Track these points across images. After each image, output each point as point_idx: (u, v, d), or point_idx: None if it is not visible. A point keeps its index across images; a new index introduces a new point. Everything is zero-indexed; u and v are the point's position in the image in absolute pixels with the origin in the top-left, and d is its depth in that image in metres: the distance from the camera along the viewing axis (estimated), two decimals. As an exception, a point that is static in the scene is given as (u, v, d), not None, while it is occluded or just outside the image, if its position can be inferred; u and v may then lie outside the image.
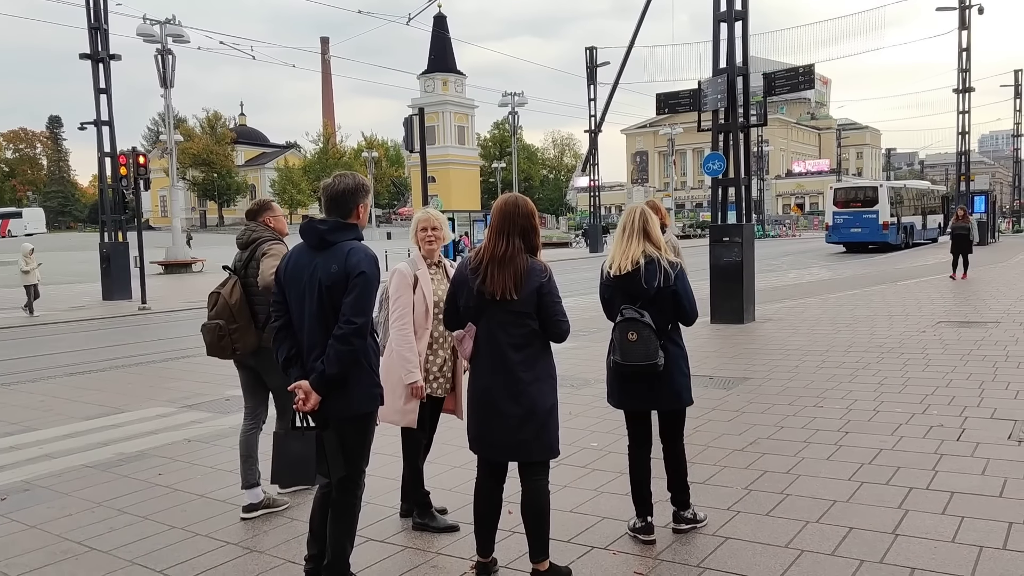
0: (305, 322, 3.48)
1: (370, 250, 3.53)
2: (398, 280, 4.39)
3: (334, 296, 3.40)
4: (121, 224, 22.93)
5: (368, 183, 3.68)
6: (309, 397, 3.43)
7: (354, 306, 3.36)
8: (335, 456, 3.49)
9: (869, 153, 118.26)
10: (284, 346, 3.56)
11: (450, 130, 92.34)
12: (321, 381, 3.39)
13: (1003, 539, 4.05)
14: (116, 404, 8.35)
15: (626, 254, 4.11)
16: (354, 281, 3.37)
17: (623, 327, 4.04)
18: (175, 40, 31.55)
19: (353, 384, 3.46)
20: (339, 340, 3.35)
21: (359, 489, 3.66)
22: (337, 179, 3.60)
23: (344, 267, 3.39)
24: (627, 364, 4.04)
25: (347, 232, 3.51)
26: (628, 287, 4.10)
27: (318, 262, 3.46)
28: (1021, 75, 51.56)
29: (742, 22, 13.32)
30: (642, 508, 4.27)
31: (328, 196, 3.56)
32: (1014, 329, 10.94)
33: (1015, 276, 19.63)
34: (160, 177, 64.75)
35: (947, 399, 7.05)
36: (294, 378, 3.51)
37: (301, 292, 3.49)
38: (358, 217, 3.60)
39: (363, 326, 3.38)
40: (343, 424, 3.51)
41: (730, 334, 11.74)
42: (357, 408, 3.51)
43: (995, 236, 40.80)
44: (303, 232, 3.56)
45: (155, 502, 5.22)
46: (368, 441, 3.64)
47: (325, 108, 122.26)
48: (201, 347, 5.05)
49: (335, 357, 3.35)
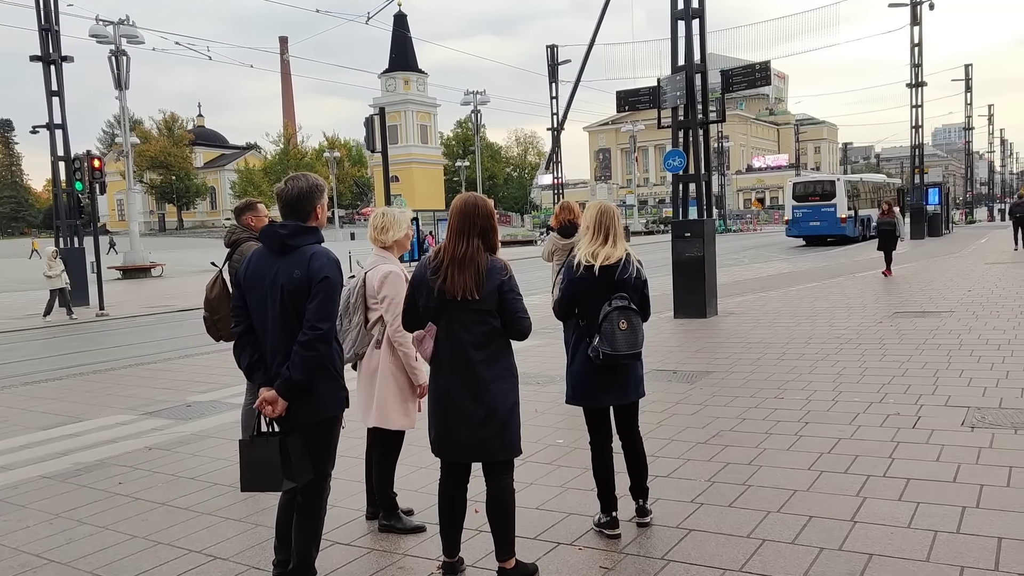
0: (268, 328, 3.44)
1: (332, 254, 3.50)
2: (399, 281, 4.29)
3: (297, 301, 3.36)
4: (77, 229, 22.47)
5: (323, 183, 3.63)
6: (275, 403, 3.40)
7: (318, 311, 3.33)
8: (301, 460, 3.47)
9: (827, 148, 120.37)
10: (246, 352, 3.52)
11: (413, 129, 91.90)
12: (287, 387, 3.36)
13: (957, 523, 4.16)
14: (74, 413, 8.19)
15: (609, 247, 4.14)
16: (317, 286, 3.33)
17: (616, 316, 4.05)
18: (129, 41, 30.97)
19: (319, 389, 3.44)
20: (304, 346, 3.32)
21: (324, 492, 3.64)
22: (290, 183, 3.52)
23: (307, 272, 3.35)
24: (617, 354, 4.05)
25: (308, 236, 3.47)
26: (608, 279, 4.13)
27: (279, 267, 3.40)
28: (972, 70, 52.86)
29: (699, 20, 13.46)
30: (608, 503, 4.31)
31: (284, 201, 3.50)
32: (967, 318, 11.22)
33: (968, 266, 20.12)
34: (117, 180, 63.63)
35: (903, 388, 7.21)
36: (258, 384, 3.48)
37: (263, 297, 3.44)
38: (317, 218, 3.55)
39: (328, 331, 3.36)
40: (309, 429, 3.49)
41: (693, 328, 11.87)
42: (323, 412, 3.49)
43: (949, 227, 41.77)
44: (263, 236, 3.52)
45: (115, 512, 5.13)
46: (333, 445, 3.62)
47: (285, 108, 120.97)
48: (160, 353, 5.00)
49: (301, 363, 3.32)
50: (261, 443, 3.48)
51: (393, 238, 4.44)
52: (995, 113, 76.95)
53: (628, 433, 4.41)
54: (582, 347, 4.20)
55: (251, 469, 3.49)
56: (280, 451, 3.43)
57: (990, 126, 76.82)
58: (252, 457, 3.49)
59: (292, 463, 3.45)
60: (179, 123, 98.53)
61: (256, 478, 3.50)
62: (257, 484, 3.55)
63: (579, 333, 4.26)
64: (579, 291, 4.21)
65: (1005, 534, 3.99)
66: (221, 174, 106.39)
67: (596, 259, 4.12)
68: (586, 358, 4.15)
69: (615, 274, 4.13)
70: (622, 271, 4.15)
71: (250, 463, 3.49)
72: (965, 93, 53.53)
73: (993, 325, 10.47)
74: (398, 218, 4.49)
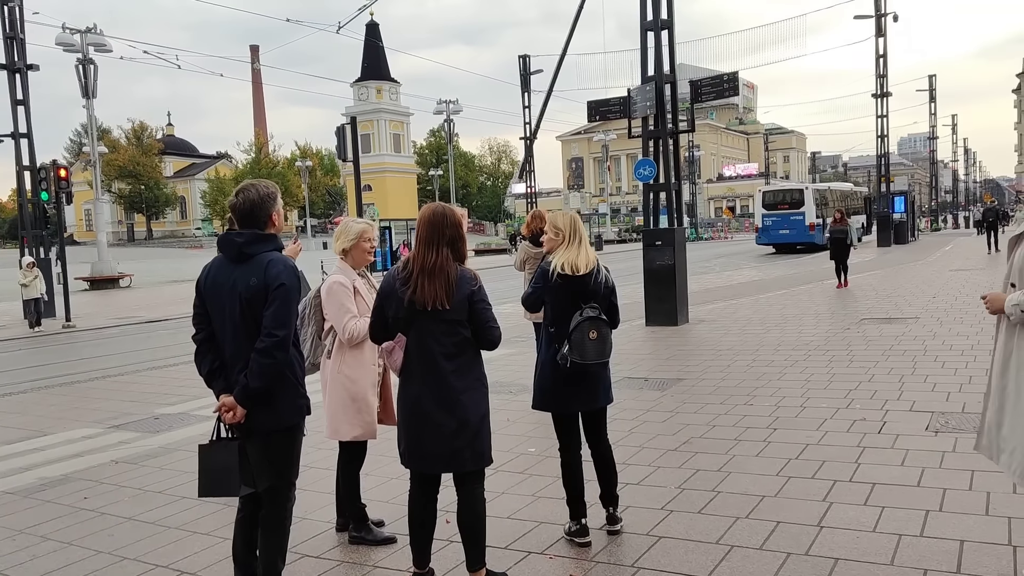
0: (227, 335, 3.44)
1: (290, 261, 3.51)
2: (340, 291, 4.33)
3: (255, 309, 3.37)
4: (43, 239, 22.11)
5: (274, 189, 3.62)
6: (234, 410, 3.39)
7: (275, 318, 3.33)
8: (260, 466, 3.48)
9: (795, 156, 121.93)
10: (206, 359, 3.52)
11: (385, 138, 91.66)
12: (245, 394, 3.36)
13: (920, 527, 4.23)
14: (38, 427, 8.04)
15: (583, 256, 4.17)
16: (273, 293, 3.34)
17: (586, 326, 4.06)
18: (96, 49, 30.56)
19: (278, 396, 3.44)
20: (261, 353, 3.32)
21: (289, 502, 3.62)
22: (241, 195, 3.51)
23: (263, 279, 3.36)
24: (585, 363, 4.07)
25: (265, 243, 3.47)
26: (582, 287, 4.15)
27: (237, 275, 3.41)
28: (935, 80, 53.93)
29: (668, 31, 13.61)
30: (577, 510, 4.32)
31: (239, 214, 3.50)
32: (932, 324, 11.42)
33: (933, 273, 20.48)
34: (84, 190, 62.71)
35: (869, 393, 7.32)
36: (218, 391, 3.47)
37: (222, 305, 3.44)
38: (274, 225, 3.56)
39: (285, 338, 3.35)
40: (270, 436, 3.49)
41: (664, 336, 11.95)
42: (282, 420, 3.48)
43: (915, 235, 42.48)
44: (220, 245, 3.53)
45: (80, 527, 5.05)
46: (296, 453, 3.60)
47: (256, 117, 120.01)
48: (128, 364, 4.93)
49: (258, 370, 3.32)
50: (220, 448, 3.48)
51: (341, 247, 4.47)
52: (958, 123, 78.53)
53: (597, 440, 4.42)
54: (550, 353, 4.21)
55: (209, 474, 3.49)
56: (239, 456, 3.43)
57: (954, 135, 78.52)
58: (210, 462, 3.49)
59: (251, 469, 3.46)
60: (148, 132, 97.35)
61: (213, 483, 3.50)
62: (214, 489, 3.53)
63: (547, 338, 4.27)
64: (551, 298, 4.22)
65: (967, 537, 4.06)
66: (191, 183, 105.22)
67: (575, 268, 4.13)
68: (555, 364, 4.15)
69: (589, 283, 4.17)
70: (595, 280, 4.18)
71: (208, 468, 3.49)
72: (929, 103, 54.62)
73: (957, 331, 10.67)
74: (348, 228, 4.52)
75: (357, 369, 4.39)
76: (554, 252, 4.26)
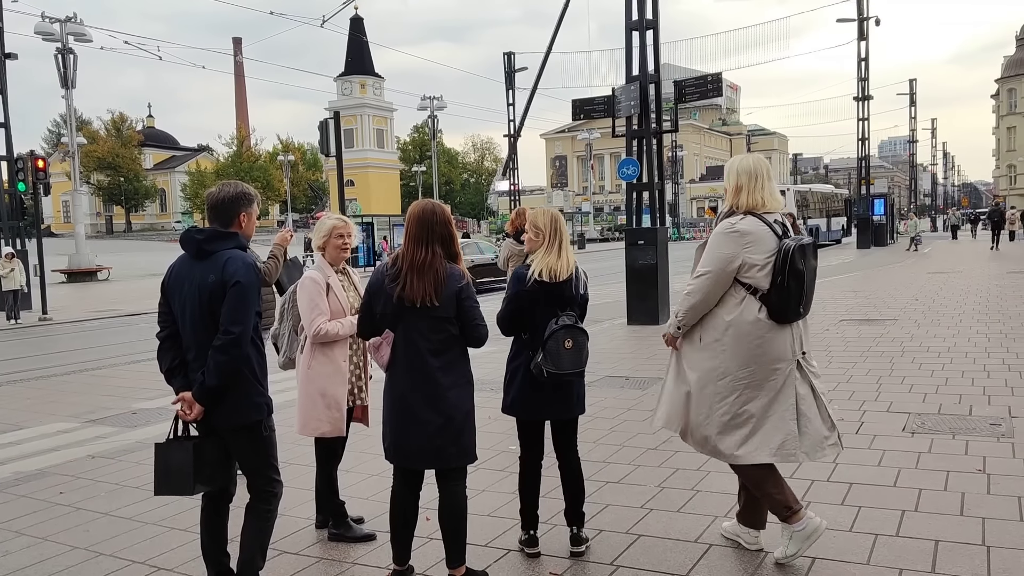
0: (188, 332, 3.44)
1: (249, 258, 3.50)
2: (311, 287, 4.35)
3: (214, 306, 3.36)
4: (20, 231, 21.84)
5: (252, 193, 3.64)
6: (192, 408, 3.39)
7: (231, 316, 3.33)
8: (219, 465, 3.49)
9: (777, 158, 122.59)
10: (167, 356, 3.52)
11: (369, 133, 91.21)
12: (202, 391, 3.36)
13: (896, 526, 4.28)
14: (14, 420, 7.95)
15: (564, 261, 3.98)
16: (230, 291, 3.33)
17: (561, 335, 3.86)
18: (76, 39, 30.21)
19: (236, 394, 3.42)
20: (217, 351, 3.31)
21: (274, 498, 3.61)
22: (220, 188, 3.58)
23: (221, 276, 3.35)
24: (560, 373, 3.89)
25: (225, 241, 3.47)
26: (559, 294, 3.97)
27: (196, 272, 3.42)
28: (916, 84, 54.53)
29: (653, 31, 13.65)
30: (530, 521, 4.19)
31: (209, 205, 3.54)
32: (910, 326, 11.54)
33: (911, 275, 20.71)
34: (62, 181, 61.94)
35: (848, 394, 7.39)
36: (176, 388, 3.47)
37: (183, 303, 3.44)
38: (240, 226, 3.56)
39: (240, 335, 3.34)
40: (233, 435, 3.49)
41: (646, 335, 11.99)
42: (241, 418, 3.46)
43: (894, 237, 42.93)
44: (182, 242, 3.53)
45: (56, 522, 5.00)
46: (267, 449, 3.58)
47: (238, 110, 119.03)
48: (106, 358, 4.88)
49: (214, 368, 3.31)
50: (176, 447, 3.48)
51: (316, 244, 4.50)
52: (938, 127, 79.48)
53: (566, 451, 4.18)
54: (522, 359, 4.01)
55: (164, 473, 3.49)
56: (192, 456, 3.42)
57: (933, 139, 79.57)
58: (166, 460, 3.49)
59: (206, 468, 3.46)
60: (128, 123, 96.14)
61: (169, 482, 3.50)
62: (170, 488, 3.54)
63: (519, 345, 4.07)
64: (525, 304, 3.97)
65: (941, 537, 4.11)
66: (171, 176, 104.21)
67: (554, 275, 3.93)
68: (527, 371, 3.95)
69: (566, 289, 4.00)
70: (573, 286, 4.02)
71: (164, 466, 3.49)
72: (910, 107, 55.25)
73: (934, 333, 10.80)
74: (321, 224, 4.56)
75: (327, 365, 4.38)
76: (534, 254, 4.03)
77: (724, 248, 3.81)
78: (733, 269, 3.80)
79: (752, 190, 3.88)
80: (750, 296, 3.80)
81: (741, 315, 3.80)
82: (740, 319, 3.80)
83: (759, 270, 3.78)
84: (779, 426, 3.83)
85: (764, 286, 3.77)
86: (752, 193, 3.87)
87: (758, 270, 3.78)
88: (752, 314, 3.78)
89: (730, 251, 3.80)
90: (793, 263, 3.72)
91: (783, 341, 3.81)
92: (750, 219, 3.83)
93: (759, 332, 3.78)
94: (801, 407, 3.86)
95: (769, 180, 3.93)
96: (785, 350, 3.81)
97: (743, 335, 3.79)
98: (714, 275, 3.81)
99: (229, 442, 3.51)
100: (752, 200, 3.87)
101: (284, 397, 6.33)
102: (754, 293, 3.79)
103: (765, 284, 3.77)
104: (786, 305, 3.75)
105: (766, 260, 3.76)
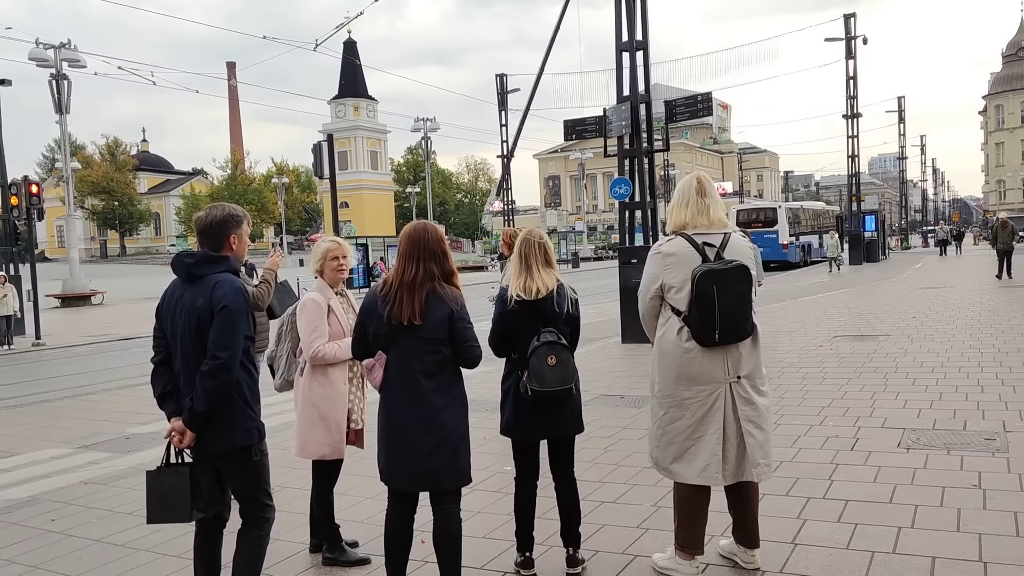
0: (179, 357, 3.43)
1: (238, 282, 3.48)
2: (313, 309, 4.34)
3: (203, 330, 3.36)
4: (13, 256, 21.79)
5: (240, 214, 3.63)
6: (184, 434, 3.37)
7: (218, 341, 3.32)
8: (212, 491, 3.47)
9: (769, 175, 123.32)
10: (161, 381, 3.50)
11: (363, 155, 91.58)
12: (191, 417, 3.34)
13: (893, 543, 4.27)
14: (5, 447, 7.90)
15: (540, 279, 3.98)
16: (217, 315, 3.33)
17: (543, 351, 3.86)
18: (71, 65, 30.32)
19: (226, 419, 3.40)
20: (205, 376, 3.30)
21: (267, 523, 3.59)
22: (208, 211, 3.58)
23: (209, 301, 3.35)
24: (545, 390, 3.88)
25: (215, 265, 3.46)
26: (539, 312, 3.97)
27: (187, 296, 3.42)
28: (904, 101, 54.97)
29: (643, 52, 13.77)
30: (525, 543, 4.17)
31: (199, 229, 3.54)
32: (903, 342, 11.57)
33: (903, 291, 20.77)
34: (57, 206, 61.88)
35: (842, 410, 7.39)
36: (168, 413, 3.46)
37: (175, 327, 3.44)
38: (231, 249, 3.55)
39: (228, 360, 3.32)
40: (224, 460, 3.47)
41: (640, 353, 11.98)
42: (232, 443, 3.44)
43: (885, 253, 43.10)
44: (173, 266, 3.53)
45: (47, 550, 4.95)
46: (259, 474, 3.55)
47: (233, 134, 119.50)
48: (99, 383, 4.86)
49: (202, 393, 3.30)
50: (170, 474, 3.46)
51: (314, 268, 4.52)
52: (927, 143, 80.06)
53: (562, 471, 4.15)
54: (513, 379, 4.03)
55: (157, 500, 3.46)
56: (190, 482, 3.40)
57: (923, 155, 79.98)
58: (159, 488, 3.46)
59: (202, 494, 3.44)
60: (122, 148, 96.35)
61: (163, 509, 3.47)
62: (164, 516, 3.51)
63: (511, 365, 4.08)
64: (510, 324, 4.00)
65: (938, 553, 4.10)
66: (166, 200, 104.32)
67: (529, 292, 3.94)
68: (518, 391, 3.96)
69: (546, 307, 3.98)
70: (556, 304, 4.00)
71: (157, 494, 3.46)
72: (899, 124, 55.61)
73: (928, 348, 10.82)
74: (316, 248, 4.59)
75: (327, 387, 4.37)
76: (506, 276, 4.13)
77: (648, 268, 3.96)
78: (656, 289, 3.90)
79: (679, 208, 3.93)
80: (674, 316, 3.85)
81: (664, 335, 3.90)
82: (663, 339, 3.90)
83: (676, 292, 3.82)
84: (705, 447, 3.84)
85: (683, 308, 3.81)
86: (678, 211, 3.92)
87: (675, 292, 3.83)
88: (672, 334, 3.86)
89: (652, 271, 3.92)
90: (698, 288, 3.73)
91: (710, 364, 3.80)
92: (677, 240, 3.87)
93: (679, 353, 3.83)
94: (728, 432, 3.84)
95: (702, 197, 3.89)
96: (713, 373, 3.80)
97: (664, 354, 3.89)
98: (640, 295, 3.99)
99: (220, 467, 3.49)
100: (677, 219, 3.92)
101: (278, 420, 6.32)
102: (678, 314, 3.83)
103: (683, 307, 3.80)
104: (702, 328, 3.75)
105: (683, 283, 3.80)
